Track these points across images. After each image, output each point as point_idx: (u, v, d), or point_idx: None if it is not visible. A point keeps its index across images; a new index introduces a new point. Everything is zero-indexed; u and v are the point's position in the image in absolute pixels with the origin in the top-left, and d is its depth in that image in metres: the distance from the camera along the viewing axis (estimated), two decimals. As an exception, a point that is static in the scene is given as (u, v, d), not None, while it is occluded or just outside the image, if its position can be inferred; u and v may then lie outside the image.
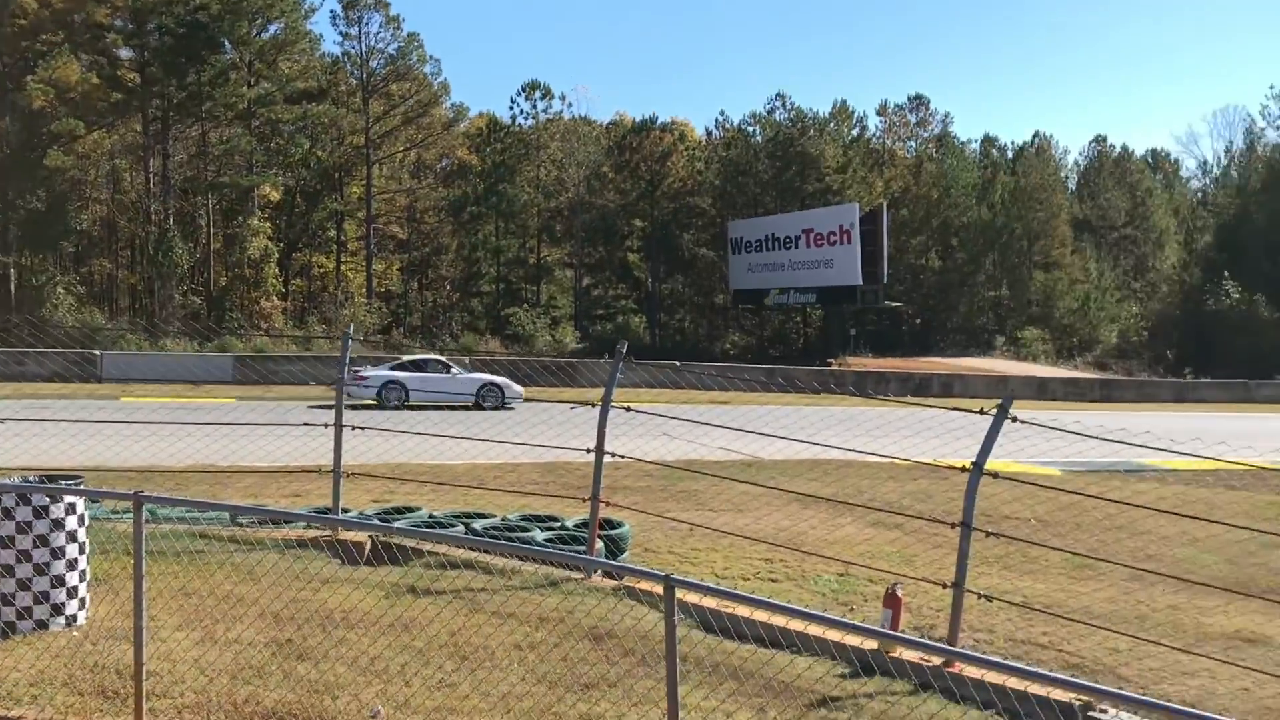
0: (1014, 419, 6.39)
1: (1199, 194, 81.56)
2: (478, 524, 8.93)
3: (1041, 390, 42.08)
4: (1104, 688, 5.40)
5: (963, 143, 69.51)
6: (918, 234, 63.76)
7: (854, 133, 65.83)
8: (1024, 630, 8.04)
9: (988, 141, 71.59)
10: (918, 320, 64.73)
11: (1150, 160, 79.50)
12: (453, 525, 9.01)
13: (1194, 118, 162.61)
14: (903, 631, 7.30)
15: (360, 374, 26.55)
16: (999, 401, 6.36)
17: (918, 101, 69.07)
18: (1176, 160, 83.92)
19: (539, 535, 8.65)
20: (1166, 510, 8.50)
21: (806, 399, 27.87)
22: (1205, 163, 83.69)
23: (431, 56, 57.29)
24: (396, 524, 8.67)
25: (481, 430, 10.64)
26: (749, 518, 11.64)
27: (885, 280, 52.69)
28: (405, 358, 28.84)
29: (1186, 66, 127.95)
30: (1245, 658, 7.69)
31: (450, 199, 59.93)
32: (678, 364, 34.91)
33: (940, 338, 62.60)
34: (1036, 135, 72.77)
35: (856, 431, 12.20)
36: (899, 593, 6.61)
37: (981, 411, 6.55)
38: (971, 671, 5.84)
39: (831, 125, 63.64)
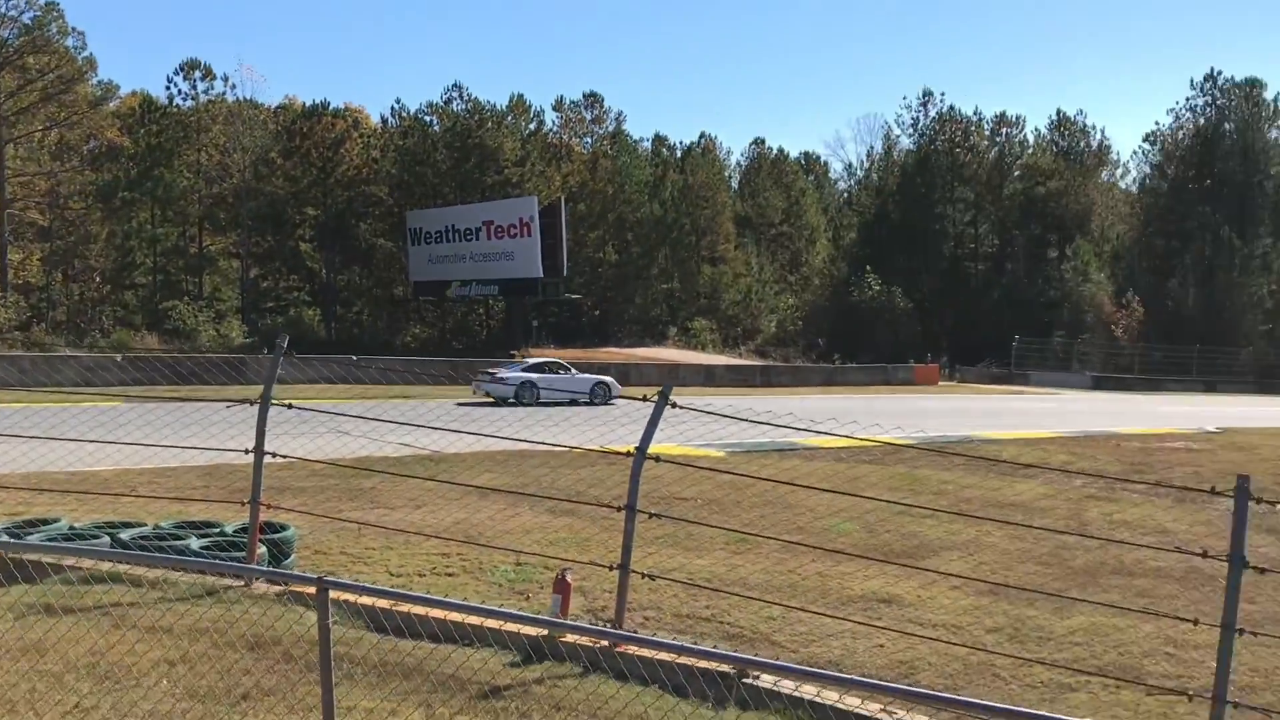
0: (674, 405, 6.68)
1: (845, 194, 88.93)
2: (125, 534, 8.25)
3: (709, 377, 44.40)
4: (748, 656, 5.75)
5: (636, 141, 72.14)
6: (595, 228, 65.44)
7: (531, 127, 66.61)
8: (689, 605, 8.44)
9: (659, 140, 74.72)
10: (597, 312, 66.50)
11: (803, 162, 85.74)
12: (97, 537, 8.27)
13: (840, 124, 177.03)
14: (574, 615, 7.48)
15: (498, 375, 30.54)
16: (660, 389, 6.63)
17: (592, 99, 70.89)
18: (826, 163, 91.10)
19: (195, 543, 8.11)
20: (809, 485, 9.19)
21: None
22: (850, 165, 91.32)
23: (75, 29, 52.24)
24: (30, 538, 7.86)
25: (128, 433, 9.83)
26: (426, 513, 11.50)
27: (565, 273, 53.70)
28: (530, 361, 34.00)
29: (833, 74, 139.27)
30: (880, 617, 8.47)
31: (99, 183, 54.98)
32: (355, 358, 33.96)
33: (618, 328, 64.64)
34: (703, 136, 76.85)
35: (529, 422, 12.37)
36: (568, 578, 6.76)
37: (645, 399, 6.79)
38: (637, 649, 6.05)
39: (510, 118, 64.03)
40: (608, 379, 32.47)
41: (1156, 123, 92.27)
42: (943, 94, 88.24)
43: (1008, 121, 76.03)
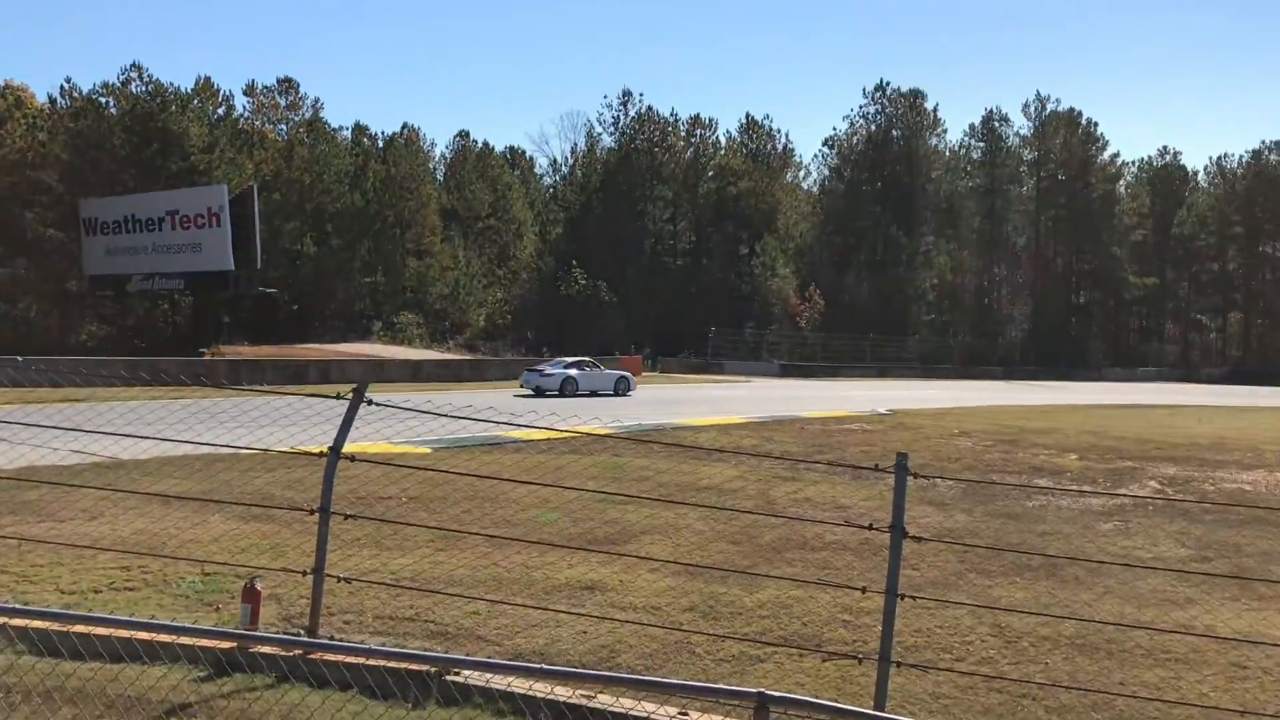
0: (370, 402, 6.53)
1: (551, 189, 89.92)
2: None
3: (417, 373, 43.68)
4: (441, 654, 5.72)
5: (334, 129, 69.83)
6: (292, 219, 62.80)
7: (220, 112, 63.05)
8: (391, 605, 8.28)
9: (359, 129, 72.67)
10: (295, 306, 63.84)
11: (509, 157, 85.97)
12: None
13: (545, 120, 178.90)
14: (268, 624, 7.17)
15: (545, 371, 35.65)
16: (355, 386, 6.47)
17: (287, 84, 68.06)
18: (531, 158, 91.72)
19: None
20: (511, 479, 9.24)
21: (177, 392, 26.25)
22: (555, 161, 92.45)
23: None
24: None
25: None
26: (103, 524, 10.66)
27: (260, 265, 51.10)
28: (568, 360, 38.07)
29: (536, 70, 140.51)
30: (584, 604, 8.65)
31: None
32: (20, 359, 31.09)
33: (319, 324, 62.37)
34: (405, 126, 75.58)
35: (229, 423, 11.69)
36: (258, 586, 6.46)
37: (339, 396, 6.61)
38: (334, 655, 5.88)
39: (196, 102, 60.27)
40: (626, 373, 37.97)
41: (834, 128, 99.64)
42: (641, 94, 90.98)
43: (701, 123, 79.63)
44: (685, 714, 5.55)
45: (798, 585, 9.04)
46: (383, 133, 73.81)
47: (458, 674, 5.73)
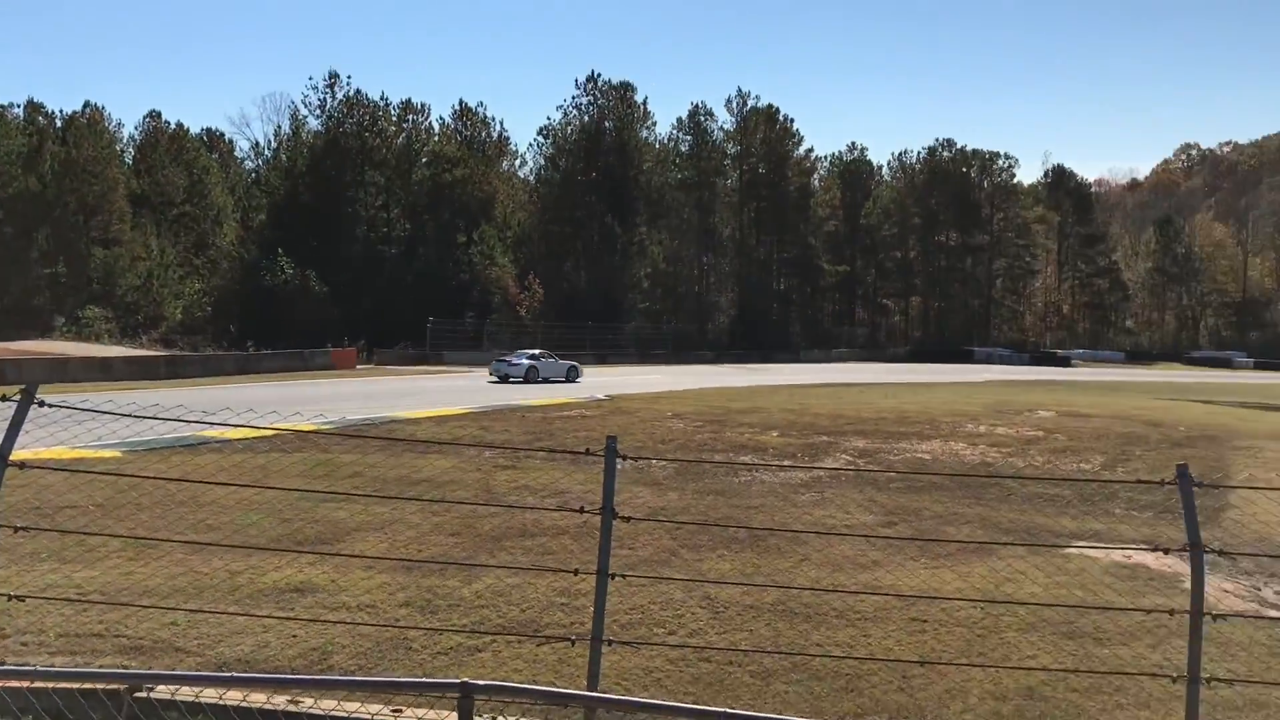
0: (41, 403, 5.96)
1: (253, 174, 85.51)
2: None
3: (106, 371, 40.42)
4: (119, 670, 5.36)
5: (4, 106, 63.48)
6: (-46, 204, 56.60)
7: None
8: (77, 622, 7.66)
9: (34, 107, 66.34)
10: (-39, 301, 57.61)
11: (206, 139, 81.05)
12: None
13: (245, 101, 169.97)
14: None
15: (512, 361, 40.75)
16: (23, 387, 5.88)
17: (-56, 54, 61.05)
18: (231, 141, 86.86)
19: None
20: (207, 480, 8.74)
21: None
22: (258, 144, 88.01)
23: None
24: None
25: None
26: None
27: (-85, 256, 45.72)
28: (530, 352, 43.10)
29: (234, 49, 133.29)
30: (294, 607, 8.31)
31: None
32: None
33: (-10, 320, 56.56)
34: (88, 105, 69.77)
35: None
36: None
37: (4, 398, 5.99)
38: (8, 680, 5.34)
39: None
40: (575, 363, 43.35)
41: (549, 118, 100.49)
42: (350, 77, 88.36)
43: (414, 109, 78.18)
44: (400, 711, 5.45)
45: (515, 572, 9.08)
46: (61, 111, 67.78)
47: (150, 690, 5.35)
